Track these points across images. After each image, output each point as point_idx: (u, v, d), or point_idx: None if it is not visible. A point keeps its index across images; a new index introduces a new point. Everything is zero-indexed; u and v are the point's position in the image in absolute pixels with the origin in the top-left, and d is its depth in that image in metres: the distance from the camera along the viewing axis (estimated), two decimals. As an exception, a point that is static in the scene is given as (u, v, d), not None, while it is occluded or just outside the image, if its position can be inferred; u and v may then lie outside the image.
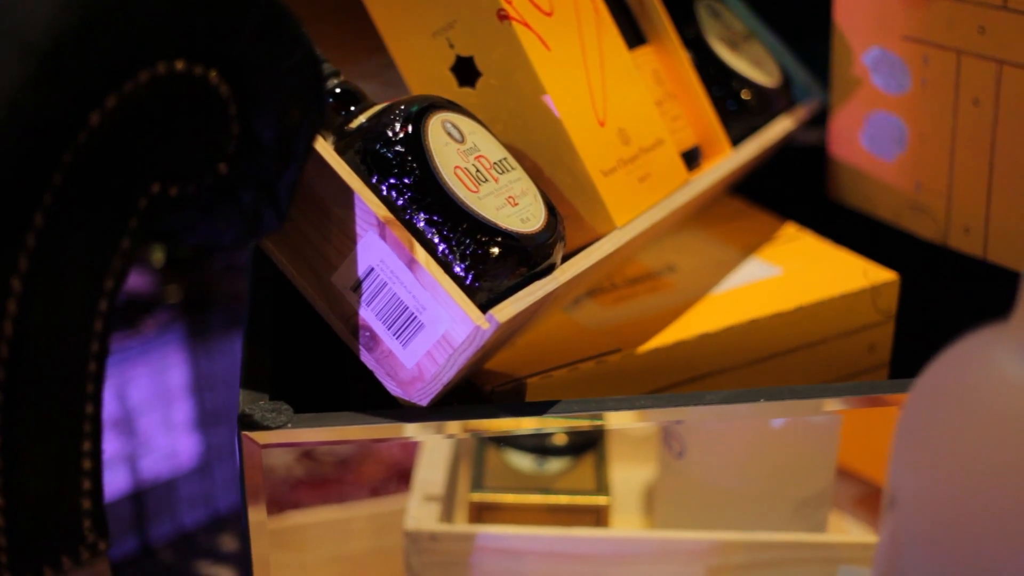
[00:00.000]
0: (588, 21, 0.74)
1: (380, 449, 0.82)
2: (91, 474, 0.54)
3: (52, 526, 0.53)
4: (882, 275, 0.82)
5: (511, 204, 0.64)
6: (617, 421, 0.66)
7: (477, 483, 0.81)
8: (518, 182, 0.66)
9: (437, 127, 0.64)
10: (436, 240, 0.62)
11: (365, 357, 0.64)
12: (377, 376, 0.65)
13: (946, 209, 0.84)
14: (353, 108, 0.67)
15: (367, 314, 0.63)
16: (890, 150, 0.86)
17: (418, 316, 0.62)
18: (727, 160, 0.82)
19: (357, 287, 0.63)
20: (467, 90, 0.71)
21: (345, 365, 0.69)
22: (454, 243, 0.62)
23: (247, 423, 0.63)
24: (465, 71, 0.71)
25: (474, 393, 0.70)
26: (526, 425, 0.65)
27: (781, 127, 0.89)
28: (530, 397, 0.70)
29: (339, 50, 0.73)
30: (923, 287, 0.87)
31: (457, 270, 0.62)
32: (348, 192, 0.62)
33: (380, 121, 0.64)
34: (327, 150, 0.63)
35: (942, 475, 0.44)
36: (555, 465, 0.84)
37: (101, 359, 0.54)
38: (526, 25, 0.69)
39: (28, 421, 0.51)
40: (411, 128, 0.63)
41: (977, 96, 0.79)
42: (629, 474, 0.88)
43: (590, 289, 0.80)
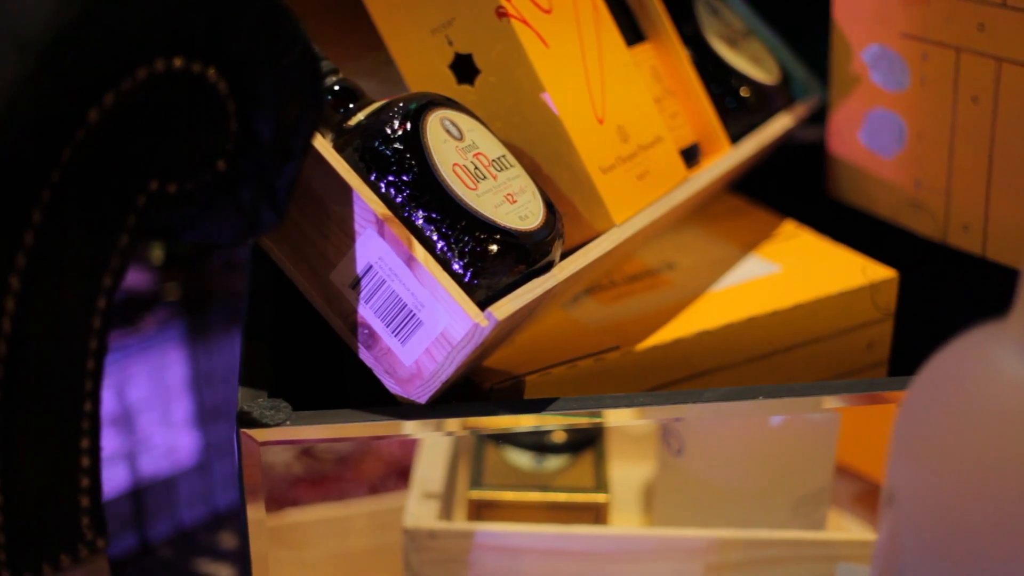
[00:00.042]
0: (587, 18, 0.74)
1: (379, 446, 0.82)
2: (90, 472, 0.54)
3: (51, 524, 0.53)
4: (881, 273, 0.82)
5: (510, 201, 0.64)
6: (616, 418, 0.66)
7: (476, 481, 0.81)
8: (517, 179, 0.66)
9: (436, 124, 0.64)
10: (435, 237, 0.62)
11: (364, 355, 0.64)
12: (376, 374, 0.64)
13: (945, 207, 0.84)
14: (352, 105, 0.67)
15: (366, 311, 0.63)
16: (889, 147, 0.86)
17: (417, 313, 0.62)
18: (726, 158, 0.82)
19: (356, 284, 0.63)
20: (466, 87, 0.71)
21: (344, 363, 0.69)
22: (453, 240, 0.62)
23: (246, 420, 0.63)
24: (464, 68, 0.71)
25: (473, 391, 0.70)
26: (525, 423, 0.65)
27: (780, 124, 0.89)
28: (529, 395, 0.70)
29: (338, 47, 0.73)
30: (922, 285, 0.87)
31: (456, 267, 0.62)
32: (347, 189, 0.62)
33: (379, 118, 0.64)
34: (326, 147, 0.63)
35: (940, 472, 0.44)
36: (554, 463, 0.84)
37: (100, 357, 0.54)
38: (525, 22, 0.69)
39: (27, 419, 0.51)
40: (409, 125, 0.63)
41: (976, 94, 0.79)
42: (628, 471, 0.88)
43: (589, 286, 0.80)
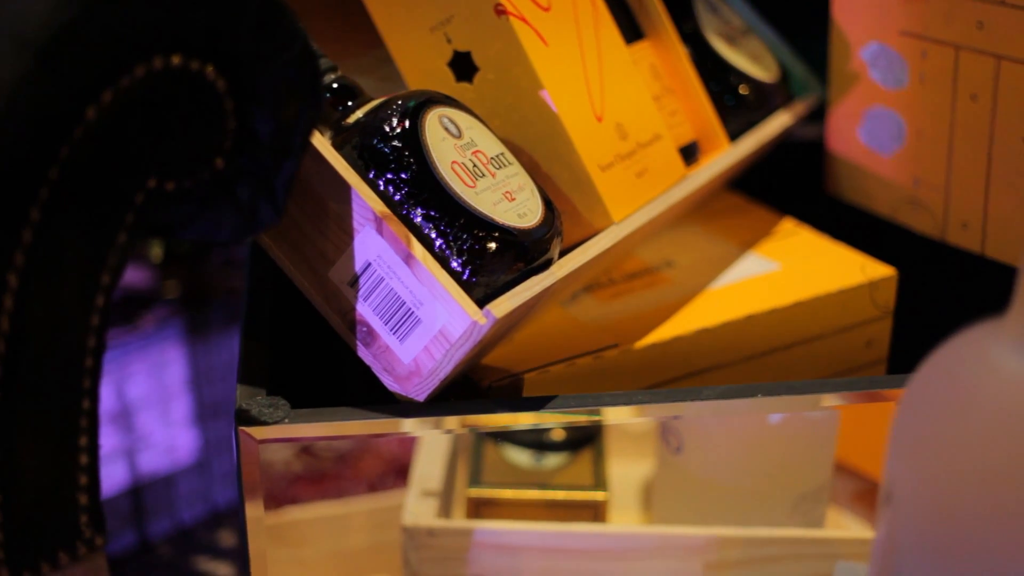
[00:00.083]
0: (586, 16, 0.73)
1: (377, 444, 0.82)
2: (88, 469, 0.54)
3: (49, 522, 0.53)
4: (880, 271, 0.82)
5: (508, 199, 0.64)
6: (614, 416, 0.66)
7: (475, 478, 0.81)
8: (515, 177, 0.66)
9: (434, 122, 0.64)
10: (433, 235, 0.62)
11: (362, 352, 0.64)
12: (374, 371, 0.64)
13: (944, 204, 0.84)
14: (350, 103, 0.67)
15: (364, 309, 0.63)
16: (888, 145, 0.86)
17: (415, 311, 0.62)
18: (725, 155, 0.82)
19: (354, 282, 0.63)
20: (464, 85, 0.71)
21: (342, 360, 0.69)
22: (451, 238, 0.62)
23: (244, 418, 0.63)
24: (462, 66, 0.71)
25: (471, 388, 0.70)
26: (523, 420, 0.65)
27: (779, 122, 0.89)
28: (527, 392, 0.70)
29: (336, 45, 0.73)
30: (921, 282, 0.87)
31: (454, 265, 0.61)
32: (345, 187, 0.62)
33: (377, 116, 0.64)
34: (324, 145, 0.62)
35: (938, 470, 0.44)
36: (553, 460, 0.84)
37: (98, 354, 0.54)
38: (523, 20, 0.69)
39: (25, 416, 0.51)
40: (408, 123, 0.63)
41: (975, 91, 0.79)
42: (627, 470, 0.87)
43: (587, 284, 0.79)
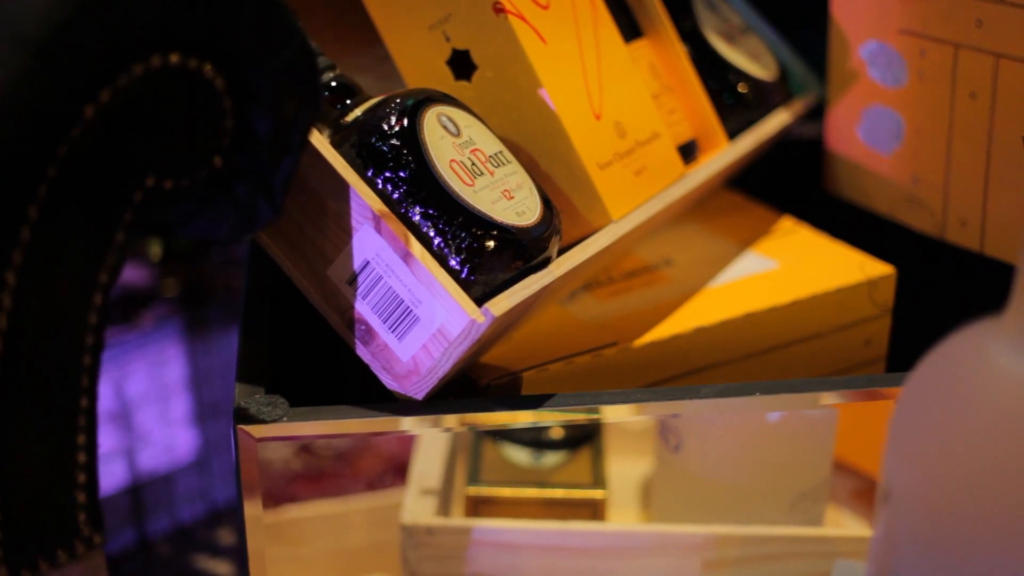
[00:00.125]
0: (584, 14, 0.73)
1: (377, 443, 0.82)
2: (86, 468, 0.54)
3: (47, 520, 0.53)
4: (879, 269, 0.82)
5: (507, 197, 0.64)
6: (613, 415, 0.66)
7: (473, 477, 0.81)
8: (514, 175, 0.66)
9: (433, 120, 0.64)
10: (431, 234, 0.62)
11: (361, 351, 0.64)
12: (372, 370, 0.64)
13: (943, 203, 0.84)
14: (349, 101, 0.67)
15: (363, 307, 0.63)
16: (887, 144, 0.86)
17: (413, 310, 0.62)
18: (723, 154, 0.82)
19: (353, 280, 0.63)
20: (463, 83, 0.71)
21: (341, 359, 0.69)
22: (449, 236, 0.62)
23: (243, 417, 0.63)
24: (461, 64, 0.71)
25: (470, 387, 0.70)
26: (522, 419, 0.65)
27: (778, 121, 0.88)
28: (526, 391, 0.70)
29: (335, 43, 0.73)
30: (920, 281, 0.87)
31: (452, 263, 0.61)
32: (343, 186, 0.62)
33: (376, 114, 0.64)
34: (323, 143, 0.62)
35: (935, 468, 0.44)
36: (551, 459, 0.84)
37: (96, 352, 0.54)
38: (522, 18, 0.69)
39: (23, 415, 0.51)
40: (406, 121, 0.63)
41: (974, 90, 0.79)
42: (626, 468, 0.88)
43: (586, 283, 0.79)
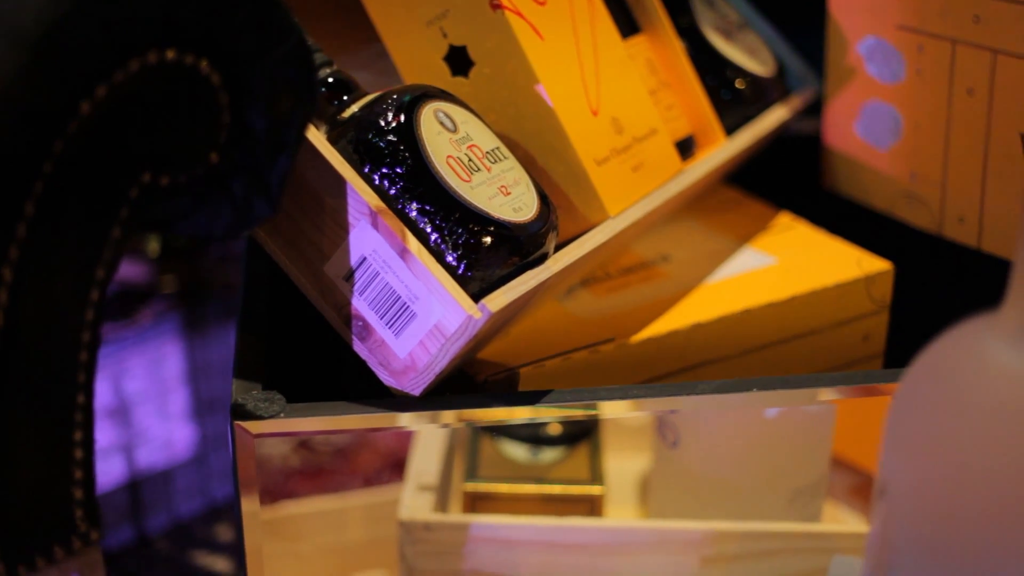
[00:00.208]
0: (582, 10, 0.73)
1: (374, 439, 0.82)
2: (83, 464, 0.54)
3: (44, 516, 0.53)
4: (876, 265, 0.82)
5: (503, 193, 0.64)
6: (610, 411, 0.66)
7: (471, 473, 0.81)
8: (511, 171, 0.66)
9: (430, 116, 0.64)
10: (428, 229, 0.62)
11: (358, 347, 0.64)
12: (370, 366, 0.64)
13: (941, 199, 0.84)
14: (346, 97, 0.67)
15: (360, 304, 0.63)
16: (885, 139, 0.86)
17: (410, 305, 0.62)
18: (721, 150, 0.82)
19: (350, 277, 0.63)
20: (460, 79, 0.71)
21: (338, 355, 0.69)
22: (446, 232, 0.62)
23: (240, 413, 0.63)
24: (458, 60, 0.71)
25: (467, 383, 0.70)
26: (519, 415, 0.65)
27: (775, 116, 0.88)
28: (523, 387, 0.70)
29: (332, 40, 0.73)
30: (917, 277, 0.87)
31: (449, 259, 0.61)
32: (340, 182, 0.62)
33: (372, 110, 0.64)
34: (319, 140, 0.62)
35: (931, 464, 0.44)
36: (549, 455, 0.84)
37: (93, 349, 0.54)
38: (519, 14, 0.69)
39: (19, 411, 0.51)
40: (403, 117, 0.63)
41: (972, 85, 0.79)
42: (623, 464, 0.88)
43: (584, 279, 0.79)
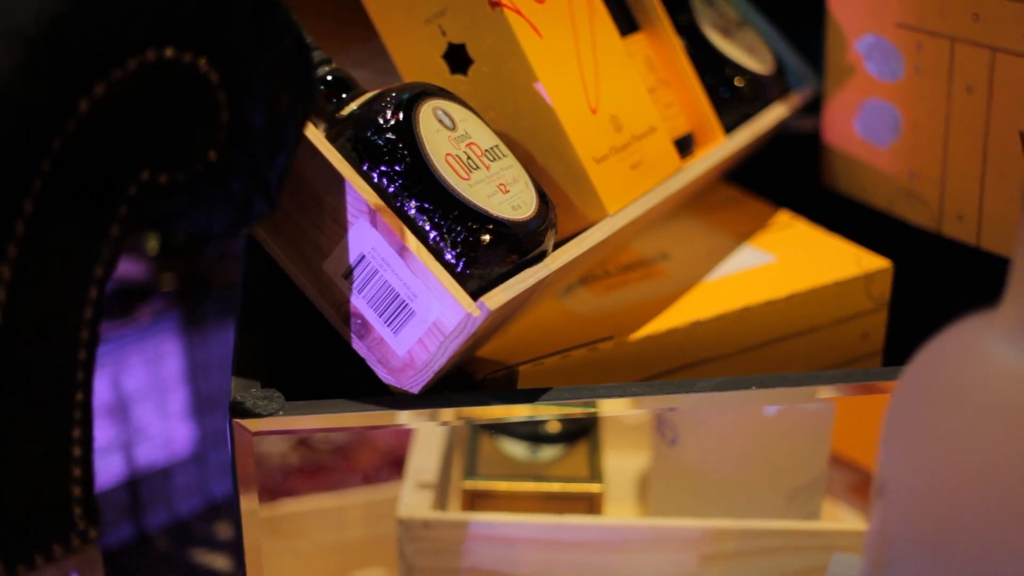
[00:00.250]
0: (580, 8, 0.73)
1: (373, 437, 0.82)
2: (81, 462, 0.54)
3: (42, 514, 0.53)
4: (875, 262, 0.82)
5: (502, 191, 0.64)
6: (609, 408, 0.66)
7: (470, 471, 0.81)
8: (509, 169, 0.66)
9: (428, 114, 0.64)
10: (427, 227, 0.62)
11: (357, 344, 0.64)
12: (368, 364, 0.64)
13: (940, 196, 0.84)
14: (344, 95, 0.67)
15: (358, 301, 0.63)
16: (884, 137, 0.86)
17: (409, 303, 0.62)
18: (720, 148, 0.82)
19: (348, 274, 0.63)
20: (459, 77, 0.71)
21: (337, 353, 0.69)
22: (445, 230, 0.62)
23: (238, 411, 0.63)
24: (457, 58, 0.71)
25: (466, 381, 0.70)
26: (518, 412, 0.65)
27: (775, 114, 0.88)
28: (522, 385, 0.70)
29: (331, 38, 0.73)
30: (917, 275, 0.87)
31: (448, 257, 0.61)
32: (339, 179, 0.62)
33: (371, 108, 0.64)
34: (318, 137, 0.62)
35: (930, 462, 0.44)
36: (548, 453, 0.84)
37: (91, 347, 0.54)
38: (518, 12, 0.69)
39: (18, 409, 0.51)
40: (402, 115, 0.63)
41: (971, 83, 0.79)
42: (622, 462, 0.88)
43: (582, 276, 0.79)
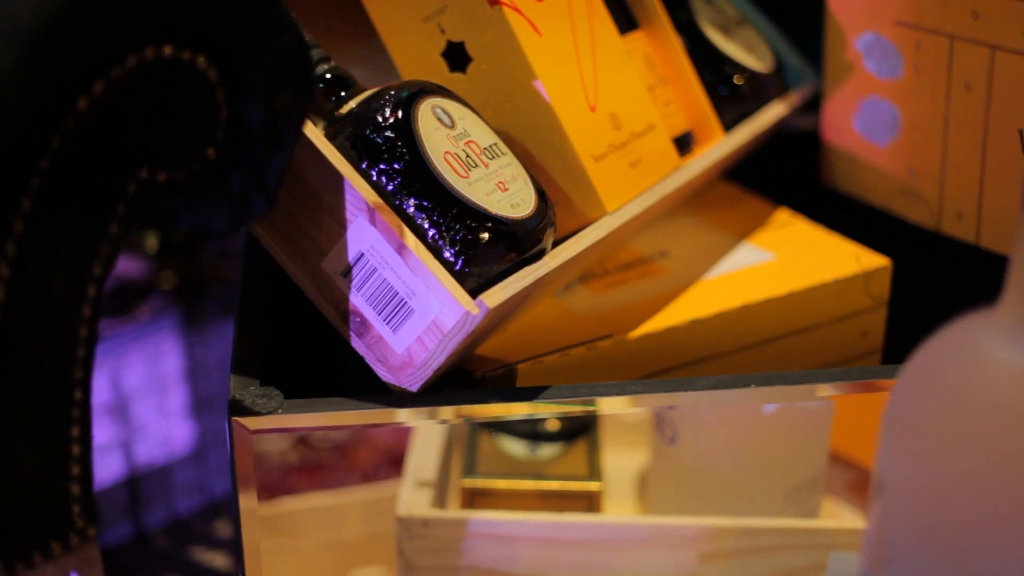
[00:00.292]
0: (579, 6, 0.73)
1: (372, 435, 0.82)
2: (80, 460, 0.54)
3: (41, 512, 0.53)
4: (874, 261, 0.82)
5: (501, 189, 0.64)
6: (608, 407, 0.66)
7: (469, 469, 0.81)
8: (508, 167, 0.66)
9: (427, 112, 0.64)
10: (426, 225, 0.62)
11: (356, 342, 0.64)
12: (367, 362, 0.64)
13: (939, 195, 0.84)
14: (343, 93, 0.67)
15: (357, 299, 0.63)
16: (883, 136, 0.86)
17: (408, 301, 0.62)
18: (719, 146, 0.82)
19: (347, 272, 0.63)
20: (458, 75, 0.71)
21: (336, 351, 0.69)
22: (444, 228, 0.62)
23: (237, 409, 0.63)
24: (456, 56, 0.70)
25: (465, 379, 0.70)
26: (517, 410, 0.65)
27: (774, 112, 0.88)
28: (521, 383, 0.70)
29: (330, 36, 0.73)
30: (916, 273, 0.87)
31: (447, 255, 0.61)
32: (338, 177, 0.62)
33: (370, 106, 0.64)
34: (317, 135, 0.62)
35: (928, 460, 0.44)
36: (547, 451, 0.84)
37: (90, 345, 0.54)
38: (517, 10, 0.69)
39: (16, 407, 0.51)
40: (401, 113, 0.63)
41: (970, 81, 0.79)
42: (621, 460, 0.88)
43: (581, 275, 0.79)
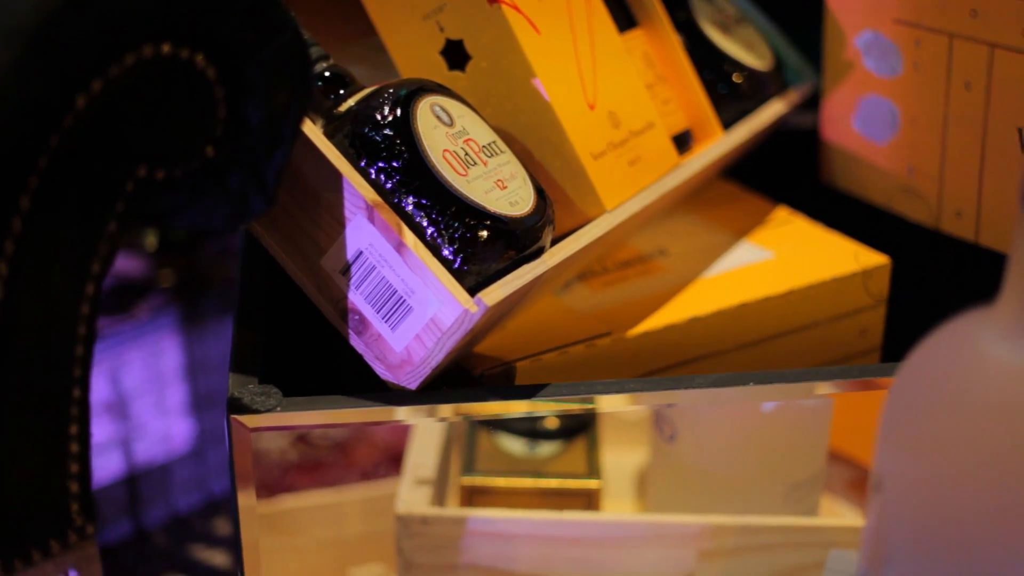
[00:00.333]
0: (578, 4, 0.73)
1: (371, 433, 0.82)
2: (79, 458, 0.54)
3: (39, 510, 0.53)
4: (874, 259, 0.82)
5: (500, 187, 0.64)
6: (608, 404, 0.66)
7: (468, 467, 0.81)
8: (507, 165, 0.66)
9: (426, 110, 0.64)
10: (425, 223, 0.62)
11: (354, 340, 0.64)
12: (366, 359, 0.64)
13: (938, 193, 0.84)
14: (342, 91, 0.67)
15: (356, 297, 0.63)
16: (882, 134, 0.86)
17: (407, 299, 0.62)
18: (718, 144, 0.82)
19: (346, 270, 0.63)
20: (457, 73, 0.71)
21: (335, 349, 0.69)
22: (442, 226, 0.62)
23: (236, 407, 0.63)
24: (455, 54, 0.70)
25: (464, 377, 0.70)
26: (516, 408, 0.65)
27: (773, 110, 0.88)
28: (520, 381, 0.70)
29: (329, 33, 0.73)
30: (915, 271, 0.87)
31: (446, 253, 0.61)
32: (337, 175, 0.62)
33: (369, 104, 0.64)
34: (315, 133, 0.62)
35: (926, 458, 0.44)
36: (546, 449, 0.84)
37: (89, 342, 0.54)
38: (516, 8, 0.69)
39: (15, 405, 0.51)
40: (400, 111, 0.63)
41: (969, 79, 0.79)
42: (620, 458, 0.88)
43: (580, 273, 0.79)
